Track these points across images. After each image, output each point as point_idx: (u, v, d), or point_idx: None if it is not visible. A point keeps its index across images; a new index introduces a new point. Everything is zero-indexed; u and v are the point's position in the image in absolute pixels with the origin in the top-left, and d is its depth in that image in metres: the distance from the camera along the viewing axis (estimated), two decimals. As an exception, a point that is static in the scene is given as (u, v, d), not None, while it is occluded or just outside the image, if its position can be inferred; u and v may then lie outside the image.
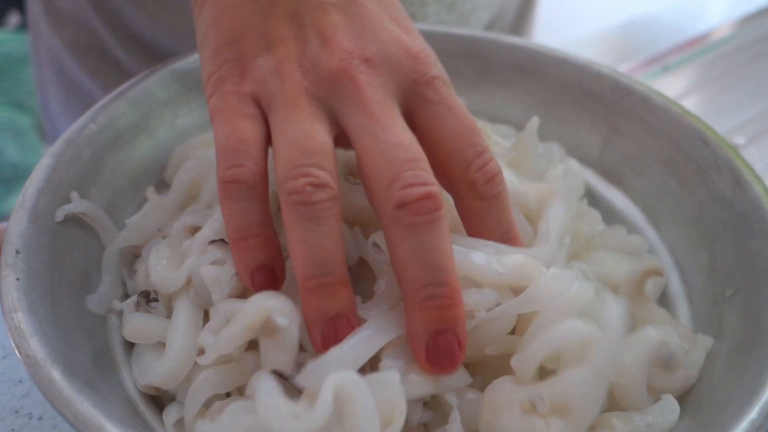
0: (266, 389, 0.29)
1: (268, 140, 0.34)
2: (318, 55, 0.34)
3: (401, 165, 0.31)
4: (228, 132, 0.33)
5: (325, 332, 0.31)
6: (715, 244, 0.42)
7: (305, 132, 0.32)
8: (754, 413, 0.31)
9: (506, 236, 0.35)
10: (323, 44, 0.34)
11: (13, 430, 0.39)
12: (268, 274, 0.33)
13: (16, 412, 0.39)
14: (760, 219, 0.39)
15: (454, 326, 0.31)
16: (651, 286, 0.40)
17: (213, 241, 0.36)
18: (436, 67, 0.36)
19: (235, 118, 0.33)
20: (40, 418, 0.39)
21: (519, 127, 0.53)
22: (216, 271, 0.35)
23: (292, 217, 0.31)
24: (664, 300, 0.43)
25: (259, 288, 0.33)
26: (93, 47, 0.68)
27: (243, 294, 0.35)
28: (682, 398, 0.36)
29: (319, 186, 0.31)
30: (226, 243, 0.35)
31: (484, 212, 0.35)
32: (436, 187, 0.31)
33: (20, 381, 0.41)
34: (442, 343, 0.31)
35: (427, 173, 0.31)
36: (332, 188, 0.31)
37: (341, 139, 0.34)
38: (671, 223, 0.45)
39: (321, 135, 0.32)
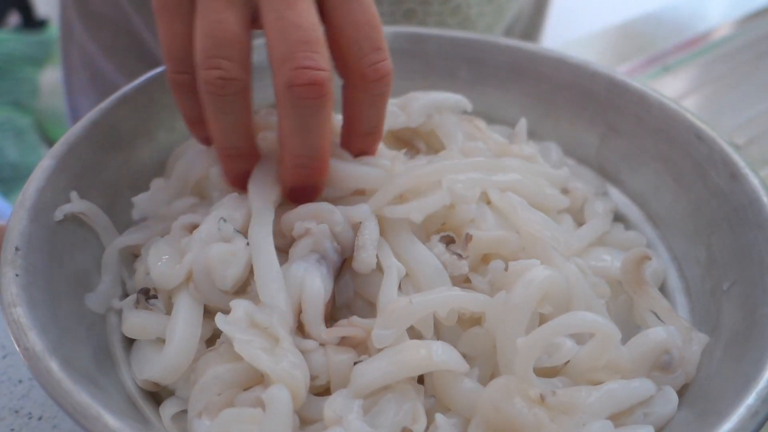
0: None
1: None
2: None
3: (296, 45, 0.33)
4: (165, 35, 0.36)
5: (233, 182, 0.39)
6: (712, 238, 0.42)
7: (219, 22, 0.34)
8: (750, 399, 0.31)
9: (373, 131, 0.39)
10: None
11: (13, 430, 0.39)
12: None
13: (16, 412, 0.39)
14: (756, 211, 0.40)
15: (317, 184, 0.38)
16: (649, 273, 0.40)
17: None
18: None
19: (171, 18, 0.36)
20: (40, 418, 0.39)
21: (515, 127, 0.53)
22: (228, 246, 0.36)
23: (207, 102, 0.35)
24: (662, 294, 0.42)
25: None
26: (132, 50, 0.69)
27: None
28: (681, 389, 0.36)
29: (228, 79, 0.34)
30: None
31: (364, 105, 0.38)
32: (325, 74, 0.33)
33: (20, 381, 0.41)
34: (303, 194, 0.38)
35: (320, 57, 0.33)
36: (241, 80, 0.34)
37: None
38: (668, 218, 0.46)
39: (234, 24, 0.34)
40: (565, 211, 0.46)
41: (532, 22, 0.79)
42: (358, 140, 0.40)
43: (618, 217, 0.48)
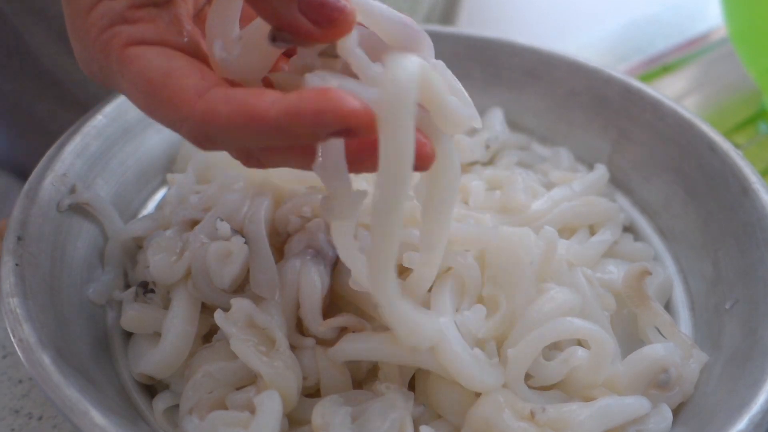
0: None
1: None
2: None
3: None
4: None
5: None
6: (719, 253, 0.41)
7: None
8: (742, 424, 0.30)
9: None
10: None
11: (13, 430, 0.39)
12: None
13: (16, 412, 0.40)
14: (764, 228, 0.39)
15: None
16: (652, 289, 0.39)
17: None
18: None
19: None
20: (40, 418, 0.39)
21: (528, 131, 0.53)
22: (226, 245, 0.36)
23: None
24: (667, 309, 0.42)
25: None
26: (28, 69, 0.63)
27: None
28: (677, 406, 0.36)
29: None
30: None
31: None
32: None
33: (20, 381, 0.41)
34: None
35: None
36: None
37: None
38: (677, 231, 0.45)
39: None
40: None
41: (448, 4, 0.78)
42: None
43: (627, 227, 0.47)
